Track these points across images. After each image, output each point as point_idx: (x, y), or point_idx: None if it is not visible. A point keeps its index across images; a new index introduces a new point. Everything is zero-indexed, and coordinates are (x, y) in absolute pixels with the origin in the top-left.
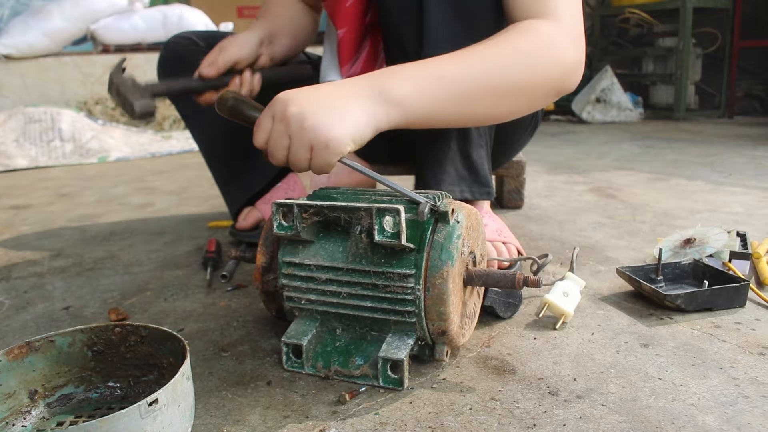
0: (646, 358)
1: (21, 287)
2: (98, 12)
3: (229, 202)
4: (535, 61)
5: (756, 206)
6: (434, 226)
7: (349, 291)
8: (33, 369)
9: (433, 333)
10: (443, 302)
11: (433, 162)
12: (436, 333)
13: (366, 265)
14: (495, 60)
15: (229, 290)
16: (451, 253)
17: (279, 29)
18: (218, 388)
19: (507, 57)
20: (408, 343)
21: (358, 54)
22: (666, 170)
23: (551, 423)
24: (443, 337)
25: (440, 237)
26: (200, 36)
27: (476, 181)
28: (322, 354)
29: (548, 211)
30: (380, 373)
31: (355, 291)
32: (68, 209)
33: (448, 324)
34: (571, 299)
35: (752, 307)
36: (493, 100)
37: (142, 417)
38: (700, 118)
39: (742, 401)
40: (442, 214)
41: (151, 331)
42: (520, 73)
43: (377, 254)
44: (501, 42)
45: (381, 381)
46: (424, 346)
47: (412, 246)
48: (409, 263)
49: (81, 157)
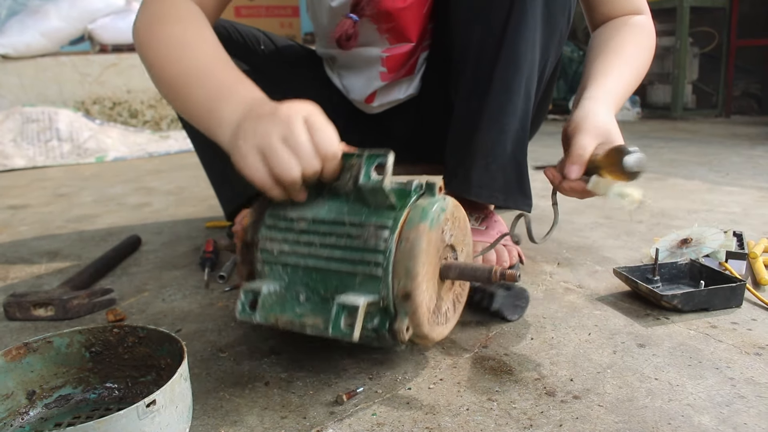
0: (643, 359)
1: (19, 288)
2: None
3: (223, 204)
4: (652, 52)
5: (753, 206)
6: (420, 195)
7: (323, 241)
8: (31, 370)
9: (397, 294)
10: (413, 257)
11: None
12: (401, 294)
13: (345, 216)
14: (643, 60)
15: (226, 290)
16: (430, 215)
17: None
18: (216, 389)
19: (646, 55)
20: (368, 297)
21: (408, 64)
22: (663, 170)
23: (548, 423)
24: (407, 303)
25: (423, 202)
26: None
27: (522, 191)
28: (279, 309)
29: (544, 210)
30: (332, 322)
31: (328, 241)
32: (66, 209)
33: (414, 285)
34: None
35: (748, 307)
36: (639, 81)
37: (139, 418)
38: (698, 118)
39: (738, 401)
40: (429, 186)
41: (148, 332)
42: (649, 60)
43: (359, 209)
44: (639, 43)
45: (331, 330)
46: (384, 318)
47: (394, 201)
48: (387, 216)
49: (78, 157)
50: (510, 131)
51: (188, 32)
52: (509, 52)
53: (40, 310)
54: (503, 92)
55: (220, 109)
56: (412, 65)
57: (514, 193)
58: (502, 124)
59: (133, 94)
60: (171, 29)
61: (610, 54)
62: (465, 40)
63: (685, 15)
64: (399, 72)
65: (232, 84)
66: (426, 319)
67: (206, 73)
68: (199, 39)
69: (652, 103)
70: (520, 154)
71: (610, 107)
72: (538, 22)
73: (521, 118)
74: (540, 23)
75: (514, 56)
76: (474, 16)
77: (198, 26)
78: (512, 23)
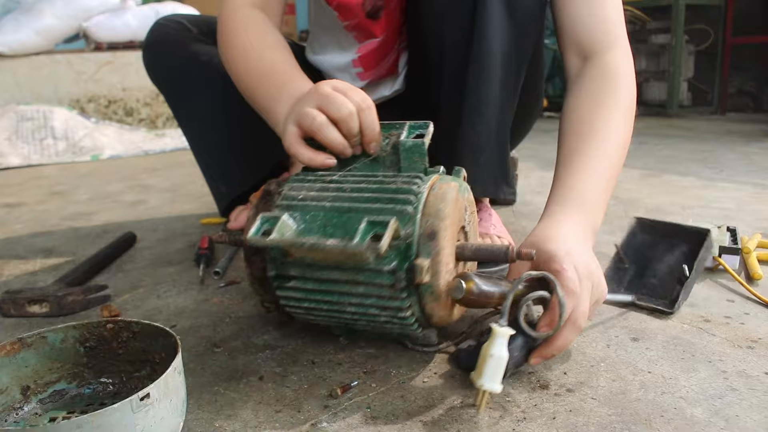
0: (637, 352)
1: (13, 285)
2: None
3: (217, 199)
4: (632, 106)
5: (747, 202)
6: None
7: (353, 186)
8: (25, 365)
9: (423, 232)
10: (444, 200)
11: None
12: (427, 233)
13: (379, 172)
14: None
15: (221, 287)
16: (459, 182)
17: None
18: (210, 384)
19: (624, 123)
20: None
21: (386, 61)
22: (658, 166)
23: (541, 416)
24: (431, 243)
25: (452, 173)
26: (191, 21)
27: (507, 182)
28: (297, 234)
29: (540, 207)
30: (360, 234)
31: (359, 186)
32: (61, 207)
33: (442, 226)
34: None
35: (741, 301)
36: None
37: (133, 411)
38: (693, 115)
39: (730, 394)
40: (456, 170)
41: (143, 326)
42: (629, 122)
43: (392, 168)
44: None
45: (358, 238)
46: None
47: (427, 165)
48: (420, 172)
49: (74, 155)
50: (492, 123)
51: (252, 40)
52: (479, 46)
53: (35, 307)
54: (480, 85)
55: (275, 110)
56: (393, 64)
57: (501, 184)
58: (484, 116)
59: (128, 92)
60: (238, 40)
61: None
62: (437, 38)
63: (681, 12)
64: (378, 70)
65: (283, 84)
66: (444, 270)
67: (266, 76)
68: (262, 45)
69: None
70: (503, 145)
71: (580, 221)
72: (503, 14)
73: (502, 108)
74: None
75: (485, 49)
76: (443, 11)
77: (260, 33)
78: (478, 17)
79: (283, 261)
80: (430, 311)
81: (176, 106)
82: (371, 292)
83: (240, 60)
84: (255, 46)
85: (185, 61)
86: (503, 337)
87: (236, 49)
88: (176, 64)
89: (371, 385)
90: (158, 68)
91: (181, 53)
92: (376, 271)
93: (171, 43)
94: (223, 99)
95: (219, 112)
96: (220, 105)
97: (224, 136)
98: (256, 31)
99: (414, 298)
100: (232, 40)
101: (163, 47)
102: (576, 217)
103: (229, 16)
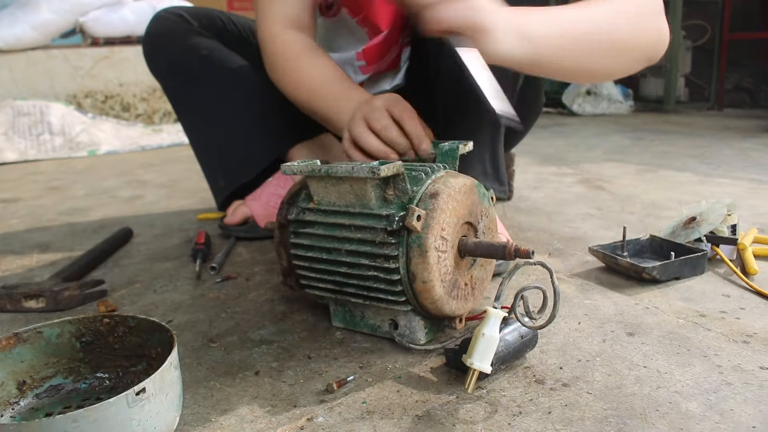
0: (632, 347)
1: (10, 280)
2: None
3: (215, 193)
4: (639, 23)
5: (743, 197)
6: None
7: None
8: (21, 360)
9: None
10: (457, 178)
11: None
12: (430, 193)
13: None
14: (609, 15)
15: (218, 282)
16: (481, 187)
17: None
18: (207, 378)
19: (618, 15)
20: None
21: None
22: (655, 162)
23: (537, 411)
24: (432, 201)
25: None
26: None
27: (497, 179)
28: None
29: (537, 202)
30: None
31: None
32: (58, 202)
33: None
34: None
35: (737, 296)
36: (602, 55)
37: (129, 406)
38: (690, 111)
39: (725, 388)
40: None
41: (139, 321)
42: (627, 32)
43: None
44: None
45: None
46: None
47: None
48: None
49: (70, 151)
50: (483, 118)
51: (301, 63)
52: None
53: (31, 302)
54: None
55: (337, 119)
56: (395, 59)
57: (491, 180)
58: (478, 112)
59: (125, 87)
60: (288, 64)
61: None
62: None
63: (678, 8)
64: (380, 64)
65: (338, 96)
66: (438, 229)
67: (321, 94)
68: (310, 66)
69: (645, 96)
70: (497, 142)
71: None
72: None
73: None
74: None
75: None
76: None
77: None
78: None
79: (305, 208)
80: (414, 269)
81: (176, 98)
82: (367, 237)
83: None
84: (310, 72)
85: (186, 53)
86: (496, 318)
87: (293, 75)
88: (176, 56)
89: (367, 380)
90: (158, 60)
91: (182, 46)
92: (377, 215)
93: (171, 35)
94: (222, 92)
95: (218, 105)
96: (220, 98)
97: (223, 130)
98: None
99: (402, 250)
100: (286, 66)
101: (163, 39)
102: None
103: (272, 42)
